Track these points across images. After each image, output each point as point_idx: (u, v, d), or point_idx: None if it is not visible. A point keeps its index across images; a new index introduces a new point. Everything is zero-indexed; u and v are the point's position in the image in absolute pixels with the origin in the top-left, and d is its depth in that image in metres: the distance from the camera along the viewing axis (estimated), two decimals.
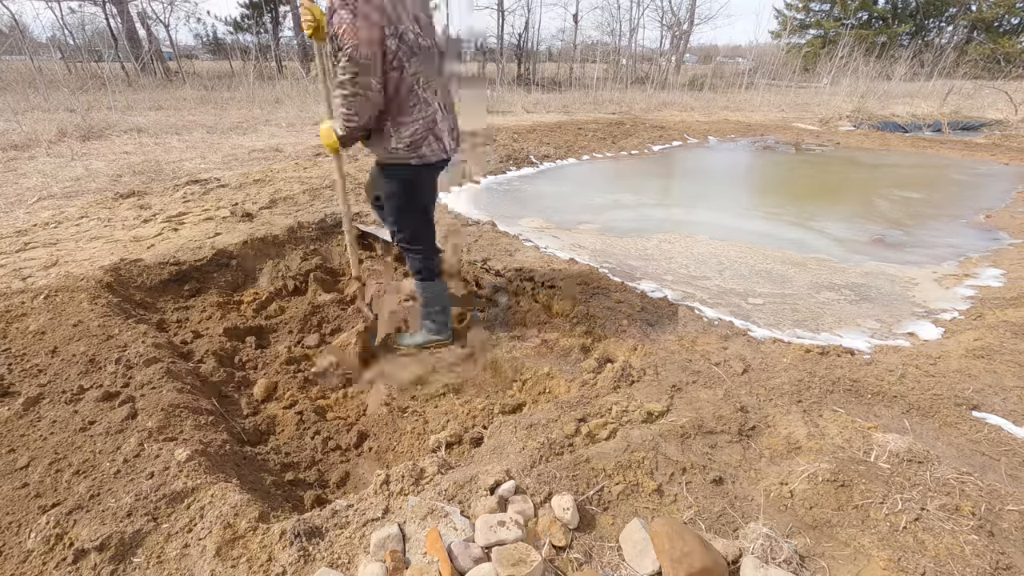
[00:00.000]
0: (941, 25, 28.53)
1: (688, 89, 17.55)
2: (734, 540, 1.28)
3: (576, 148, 7.31)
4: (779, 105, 14.66)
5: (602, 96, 14.26)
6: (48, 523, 1.27)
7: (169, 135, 7.04)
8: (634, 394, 1.89)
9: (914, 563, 1.22)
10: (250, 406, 2.14)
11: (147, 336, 2.17)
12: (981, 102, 13.53)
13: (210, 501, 1.34)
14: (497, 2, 18.24)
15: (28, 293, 2.42)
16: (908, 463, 1.51)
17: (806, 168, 7.24)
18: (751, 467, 1.54)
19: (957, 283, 3.15)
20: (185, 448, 1.52)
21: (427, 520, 1.29)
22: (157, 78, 13.23)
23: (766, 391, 1.91)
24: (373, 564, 1.16)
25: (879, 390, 1.92)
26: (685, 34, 24.07)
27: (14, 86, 9.40)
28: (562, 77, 18.44)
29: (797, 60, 23.50)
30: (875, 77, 16.77)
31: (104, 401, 1.75)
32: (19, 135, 6.11)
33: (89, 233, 3.29)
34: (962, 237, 4.17)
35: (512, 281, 2.92)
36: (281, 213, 3.76)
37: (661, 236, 3.93)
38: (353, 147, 2.08)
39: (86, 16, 16.58)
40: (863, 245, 3.92)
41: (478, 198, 4.78)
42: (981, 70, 19.96)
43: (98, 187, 4.44)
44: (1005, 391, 1.94)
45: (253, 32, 19.77)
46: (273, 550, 1.21)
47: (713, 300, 2.80)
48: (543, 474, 1.44)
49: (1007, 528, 1.33)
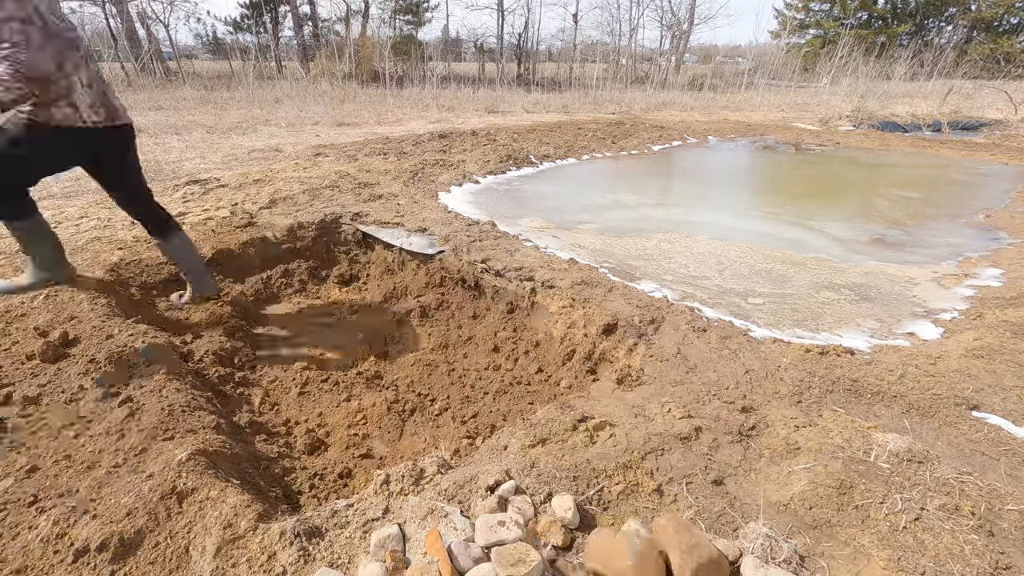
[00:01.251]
0: (941, 25, 28.54)
1: (688, 89, 17.55)
2: (734, 540, 1.28)
3: (576, 148, 7.31)
4: (779, 105, 14.66)
5: (602, 96, 14.26)
6: (48, 523, 1.27)
7: (169, 135, 7.04)
8: (634, 394, 1.89)
9: (914, 563, 1.22)
10: (250, 406, 2.14)
11: (147, 336, 2.17)
12: (981, 102, 13.53)
13: (210, 501, 1.34)
14: (497, 2, 18.24)
15: (28, 293, 2.42)
16: (908, 463, 1.52)
17: (806, 168, 7.24)
18: (751, 467, 1.54)
19: (957, 283, 3.15)
20: (185, 448, 1.52)
21: (427, 520, 1.29)
22: (157, 78, 13.23)
23: (766, 391, 1.91)
24: (373, 564, 1.16)
25: (879, 390, 1.92)
26: (685, 34, 24.09)
27: None
28: (562, 77, 18.44)
29: (797, 60, 23.51)
30: (875, 77, 16.78)
31: (104, 401, 1.75)
32: None
33: (89, 233, 3.29)
34: (962, 237, 4.16)
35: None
36: (281, 213, 3.76)
37: (661, 236, 3.93)
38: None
39: (86, 16, 16.56)
40: (863, 245, 3.92)
41: (478, 198, 4.77)
42: (981, 70, 19.96)
43: (97, 187, 4.43)
44: (1005, 391, 1.94)
45: (253, 32, 19.77)
46: (273, 550, 1.21)
47: (713, 300, 2.80)
48: (543, 474, 1.44)
49: (1007, 528, 1.33)
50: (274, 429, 2.08)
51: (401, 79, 14.81)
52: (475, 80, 16.51)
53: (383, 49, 15.71)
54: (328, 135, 7.66)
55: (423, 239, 3.43)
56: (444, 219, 3.81)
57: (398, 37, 20.81)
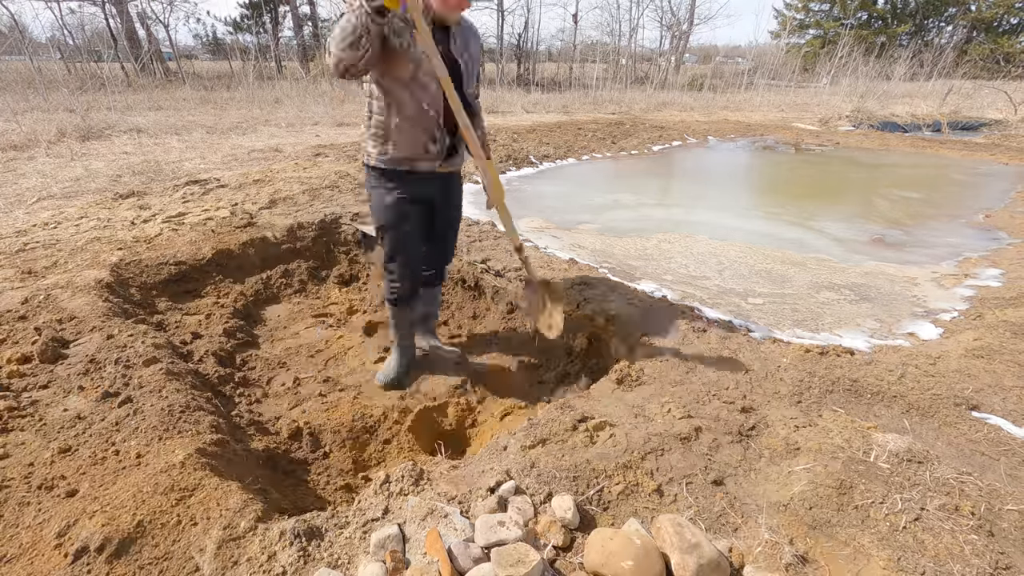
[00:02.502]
0: (941, 25, 28.54)
1: (688, 89, 17.55)
2: (734, 540, 1.28)
3: (576, 148, 7.31)
4: (779, 105, 14.66)
5: (602, 96, 14.26)
6: (48, 522, 1.27)
7: (169, 135, 7.04)
8: (634, 394, 1.89)
9: (914, 563, 1.22)
10: (250, 405, 2.14)
11: (147, 336, 2.17)
12: (981, 102, 13.53)
13: (210, 501, 1.34)
14: (497, 2, 18.25)
15: (28, 293, 2.42)
16: (908, 463, 1.52)
17: (806, 168, 7.24)
18: (751, 467, 1.54)
19: (957, 283, 3.15)
20: (184, 448, 1.52)
21: (427, 520, 1.29)
22: (157, 78, 13.23)
23: (766, 391, 1.91)
24: (373, 564, 1.16)
25: (879, 390, 1.92)
26: (685, 34, 24.08)
27: (14, 86, 9.39)
28: (562, 77, 18.43)
29: (797, 60, 23.51)
30: (875, 77, 16.78)
31: (103, 401, 1.75)
32: (19, 135, 6.11)
33: (89, 234, 3.29)
34: (962, 237, 4.17)
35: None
36: (281, 213, 3.76)
37: (661, 236, 3.93)
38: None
39: (86, 16, 16.58)
40: (863, 245, 3.92)
41: (477, 198, 4.77)
42: (980, 70, 19.96)
43: (98, 187, 4.44)
44: (1004, 391, 1.94)
45: (253, 32, 19.77)
46: (273, 550, 1.21)
47: (713, 300, 2.80)
48: (543, 474, 1.44)
49: (1007, 528, 1.33)
50: (274, 429, 2.08)
51: None
52: None
53: None
54: (328, 135, 7.65)
55: None
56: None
57: None
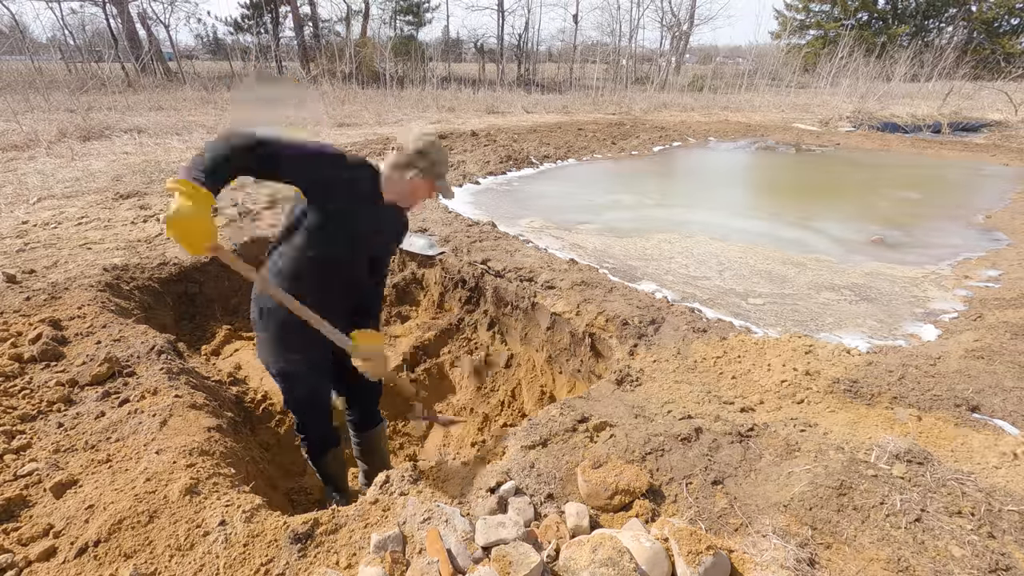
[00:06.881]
0: (941, 26, 28.54)
1: (688, 90, 17.56)
2: (735, 541, 1.28)
3: (576, 148, 7.31)
4: (779, 106, 14.66)
5: (602, 97, 14.27)
6: (49, 522, 1.27)
7: (169, 135, 7.04)
8: (634, 394, 1.89)
9: (914, 563, 1.22)
10: (249, 405, 2.14)
11: (147, 336, 2.18)
12: (981, 103, 13.54)
13: (210, 500, 1.34)
14: (497, 2, 18.26)
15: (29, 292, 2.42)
16: (908, 464, 1.51)
17: (806, 169, 7.24)
18: (751, 467, 1.54)
19: (957, 284, 3.15)
20: (184, 448, 1.52)
21: (427, 521, 1.29)
22: (157, 78, 13.24)
23: (765, 391, 1.91)
24: (373, 565, 1.16)
25: (879, 390, 1.92)
26: (685, 35, 24.09)
27: (14, 86, 9.40)
28: (562, 78, 18.45)
29: (797, 61, 23.50)
30: (875, 78, 16.79)
31: (104, 400, 1.75)
32: (19, 135, 6.11)
33: (89, 234, 3.29)
34: (962, 238, 4.16)
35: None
36: None
37: (661, 236, 3.93)
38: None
39: (86, 16, 16.62)
40: (863, 245, 3.92)
41: (478, 198, 4.77)
42: (981, 71, 19.96)
43: (98, 187, 4.44)
44: (1005, 392, 1.94)
45: (253, 32, 19.78)
46: (273, 550, 1.21)
47: (713, 300, 2.80)
48: (543, 474, 1.44)
49: (1007, 528, 1.33)
50: (273, 428, 2.08)
51: (401, 80, 14.82)
52: (475, 81, 16.53)
53: (383, 50, 15.73)
54: (328, 135, 7.66)
55: (423, 240, 3.43)
56: (444, 219, 3.81)
57: (398, 38, 20.84)
